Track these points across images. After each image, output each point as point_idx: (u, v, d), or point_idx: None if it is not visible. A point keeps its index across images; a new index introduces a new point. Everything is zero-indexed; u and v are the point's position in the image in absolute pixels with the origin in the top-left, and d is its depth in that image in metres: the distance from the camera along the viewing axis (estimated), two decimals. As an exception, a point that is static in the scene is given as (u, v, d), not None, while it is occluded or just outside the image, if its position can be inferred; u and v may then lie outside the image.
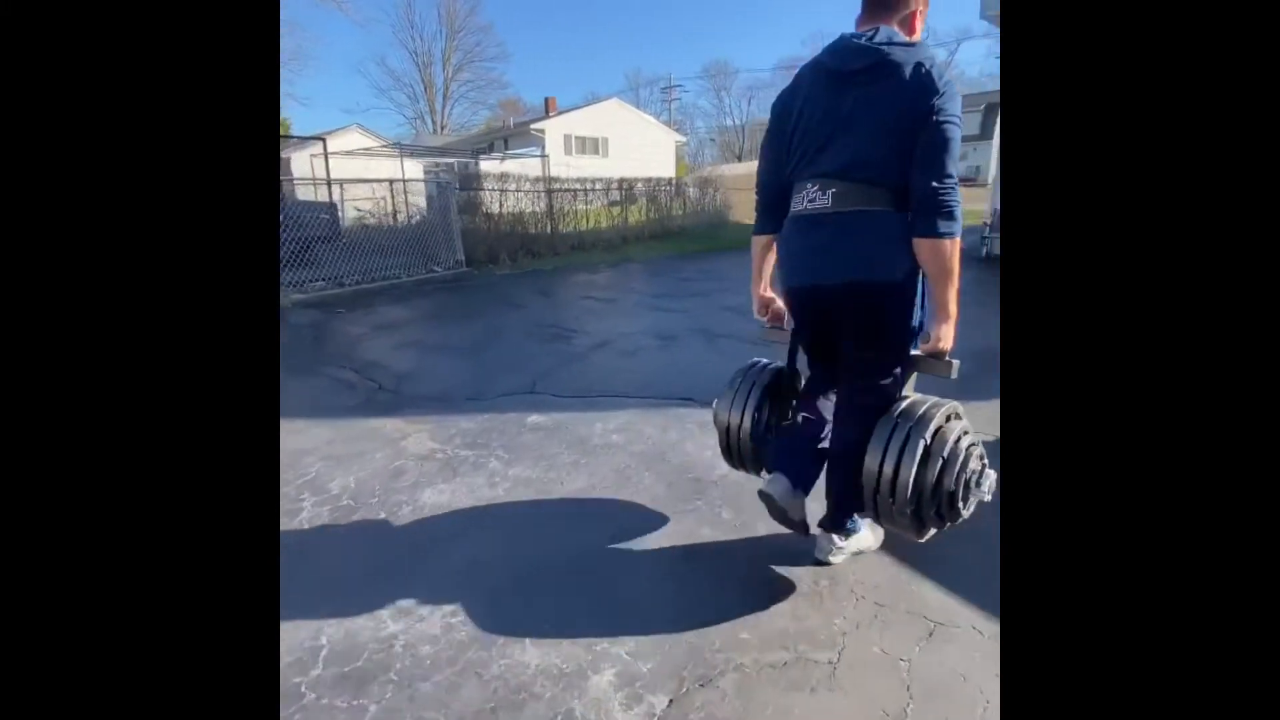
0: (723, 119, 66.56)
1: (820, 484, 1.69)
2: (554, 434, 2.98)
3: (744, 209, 17.42)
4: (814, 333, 1.68)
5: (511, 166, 20.01)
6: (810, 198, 1.47)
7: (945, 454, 1.47)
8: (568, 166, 21.93)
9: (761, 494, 1.59)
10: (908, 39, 1.43)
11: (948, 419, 1.54)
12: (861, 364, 1.57)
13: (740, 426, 1.86)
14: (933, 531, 1.58)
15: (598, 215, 12.09)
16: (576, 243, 11.32)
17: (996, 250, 9.43)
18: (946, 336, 1.47)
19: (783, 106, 1.54)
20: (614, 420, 3.14)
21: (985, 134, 18.80)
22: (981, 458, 1.55)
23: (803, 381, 1.83)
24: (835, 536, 1.73)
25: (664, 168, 27.15)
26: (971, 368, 2.39)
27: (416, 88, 44.10)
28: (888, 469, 1.48)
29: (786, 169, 1.55)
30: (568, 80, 74.62)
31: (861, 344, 1.55)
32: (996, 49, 8.10)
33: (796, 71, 1.54)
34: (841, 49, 1.43)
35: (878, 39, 1.39)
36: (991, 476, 1.55)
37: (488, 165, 21.76)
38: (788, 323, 1.78)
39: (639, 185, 13.01)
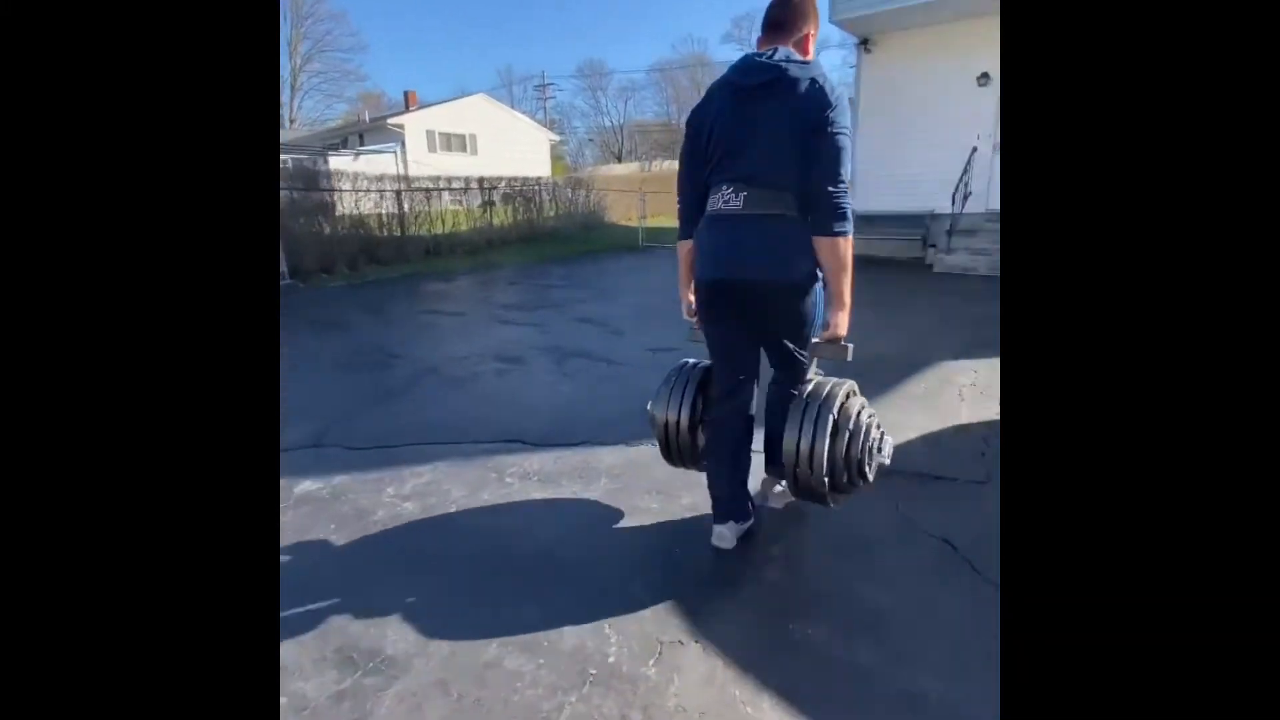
0: (600, 119, 66.60)
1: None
2: (325, 509, 2.23)
3: (621, 210, 17.11)
4: (722, 323, 1.77)
5: (367, 165, 18.23)
6: (725, 199, 1.61)
7: (850, 427, 1.70)
8: (432, 165, 20.57)
9: (717, 550, 1.84)
10: (803, 58, 1.60)
11: (848, 396, 1.76)
12: (777, 356, 1.81)
13: (679, 424, 1.95)
14: (843, 498, 1.82)
15: (457, 217, 11.10)
16: (431, 247, 10.28)
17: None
18: (843, 323, 1.63)
19: (697, 121, 1.68)
20: (413, 480, 2.45)
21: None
22: (879, 427, 1.79)
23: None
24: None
25: (538, 167, 26.24)
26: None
27: (256, 76, 39.41)
28: (804, 445, 1.67)
29: (703, 175, 1.67)
30: (436, 76, 70.79)
31: (775, 338, 1.74)
32: (851, 58, 8.20)
33: (706, 89, 1.69)
34: (746, 67, 1.59)
35: (777, 57, 1.56)
36: (889, 442, 1.80)
37: (339, 163, 19.67)
38: (690, 318, 1.89)
39: (503, 185, 12.15)
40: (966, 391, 3.35)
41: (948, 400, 3.22)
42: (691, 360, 2.08)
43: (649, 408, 2.02)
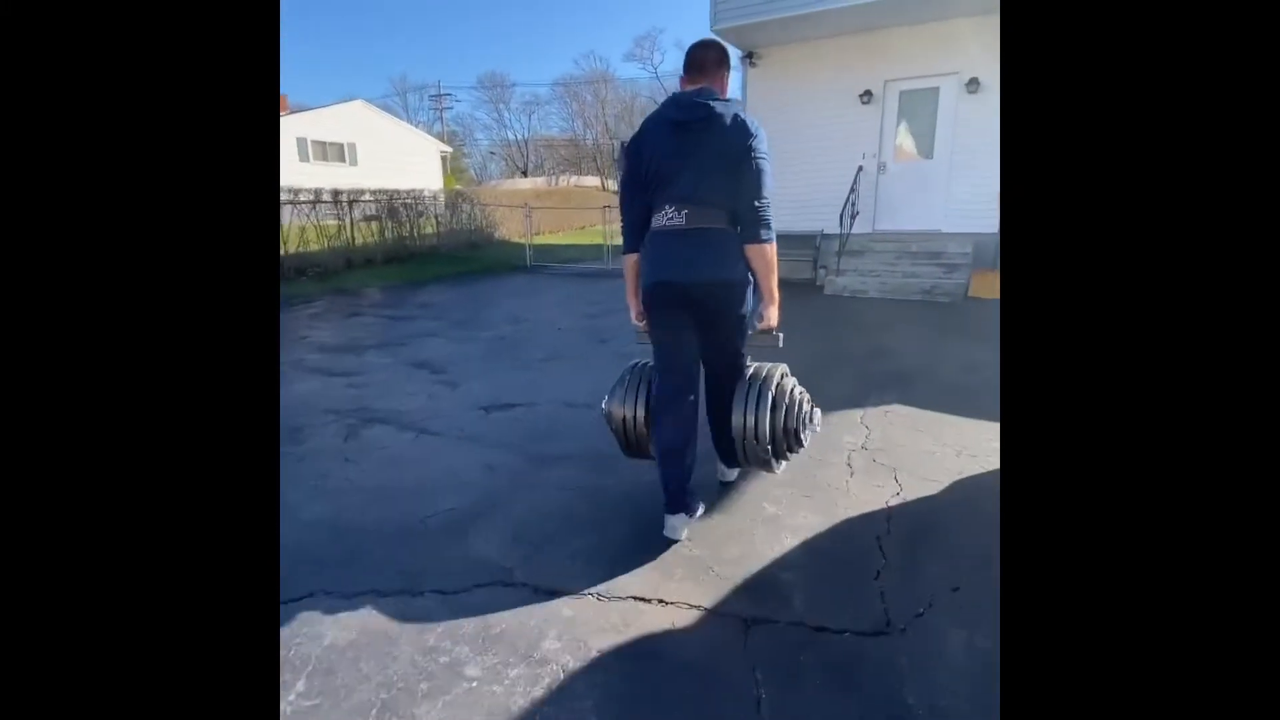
0: (504, 133, 65.05)
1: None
2: None
3: (514, 226, 16.07)
4: (669, 323, 1.97)
5: None
6: (669, 217, 1.88)
7: (786, 402, 2.03)
8: (304, 175, 18.55)
9: (669, 540, 2.02)
10: (723, 97, 1.91)
11: (782, 377, 2.11)
12: (718, 347, 2.04)
13: (635, 418, 2.18)
14: (784, 464, 2.19)
15: (305, 234, 9.64)
16: (274, 270, 8.81)
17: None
18: (773, 315, 1.98)
19: (636, 151, 1.92)
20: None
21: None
22: (809, 401, 2.15)
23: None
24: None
25: (427, 179, 24.63)
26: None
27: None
28: (749, 421, 1.98)
29: (644, 198, 1.93)
30: (322, 83, 66.26)
31: (718, 329, 1.99)
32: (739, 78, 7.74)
33: (643, 122, 1.95)
34: (680, 104, 1.87)
35: (704, 97, 1.85)
36: (818, 414, 2.16)
37: None
38: (638, 323, 2.11)
39: (366, 197, 10.80)
40: (856, 458, 2.72)
41: (832, 474, 2.56)
42: (641, 360, 2.29)
43: (603, 405, 2.24)
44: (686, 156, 1.83)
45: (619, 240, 2.16)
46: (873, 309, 6.52)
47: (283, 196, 9.23)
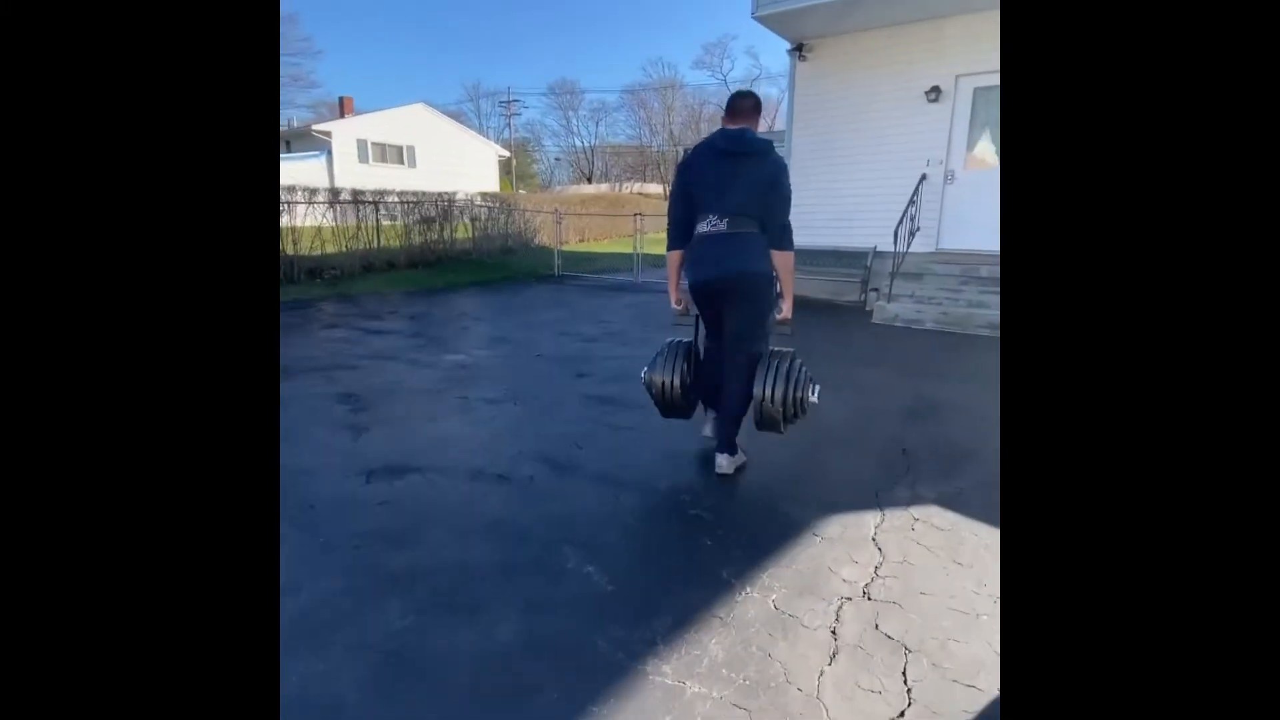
0: (571, 139, 65.79)
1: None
2: None
3: (553, 232, 15.56)
4: (711, 309, 2.56)
5: (291, 175, 16.42)
6: (712, 224, 2.39)
7: (796, 377, 2.53)
8: (363, 177, 18.80)
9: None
10: (758, 135, 2.44)
11: (791, 360, 2.58)
12: (743, 333, 2.50)
13: (672, 384, 2.69)
14: (790, 427, 2.64)
15: (318, 235, 9.32)
16: (285, 272, 8.50)
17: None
18: (789, 308, 2.53)
19: (686, 171, 2.46)
20: None
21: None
22: (810, 378, 2.59)
23: (702, 352, 2.79)
24: (728, 456, 2.59)
25: (485, 182, 24.68)
26: None
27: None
28: (768, 390, 2.49)
29: (690, 208, 2.45)
30: (398, 87, 69.13)
31: (745, 316, 2.48)
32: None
33: (693, 149, 2.48)
34: (728, 136, 2.40)
35: (747, 135, 2.40)
36: (817, 388, 2.58)
37: None
38: (690, 311, 2.69)
39: (391, 199, 10.44)
40: (849, 619, 1.73)
41: (799, 657, 1.58)
42: (675, 338, 2.82)
43: (643, 375, 2.77)
44: (730, 179, 2.37)
45: (650, 249, 2.92)
46: (926, 345, 5.37)
47: (299, 196, 8.93)
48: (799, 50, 7.64)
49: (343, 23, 64.35)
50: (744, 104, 2.45)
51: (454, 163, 23.98)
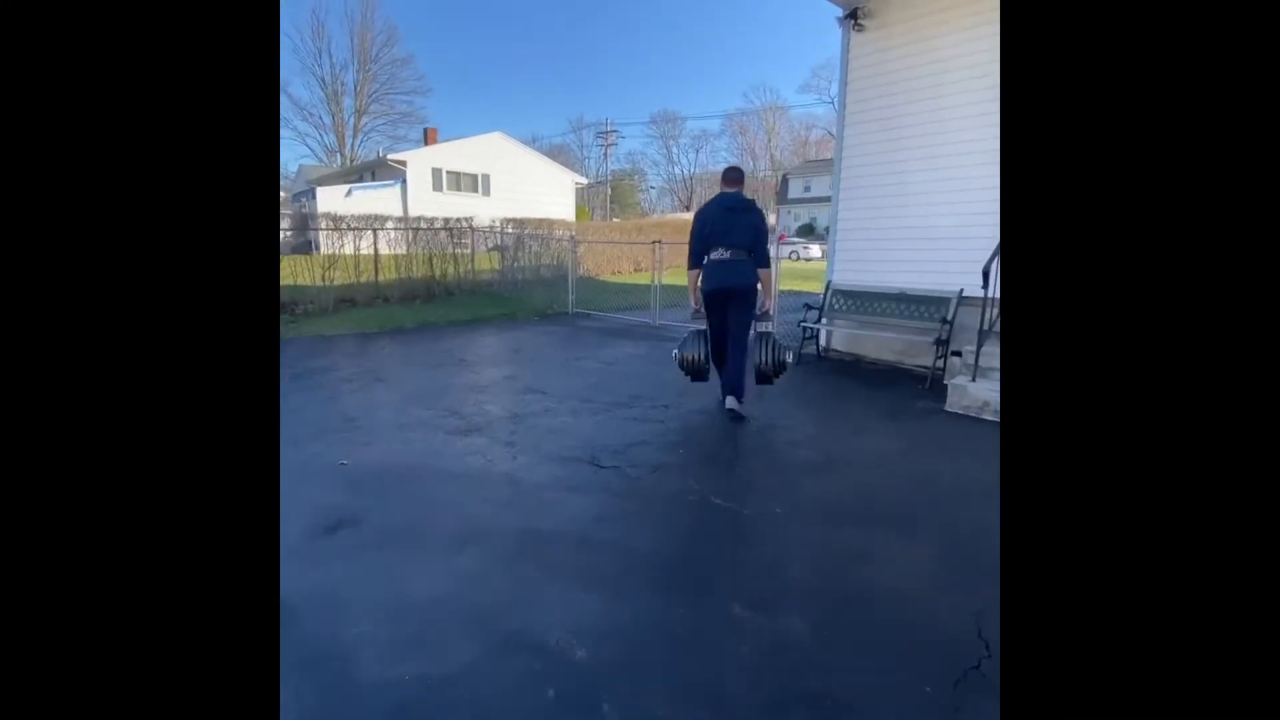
0: (671, 168, 65.47)
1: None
2: None
3: (606, 263, 14.10)
4: (718, 309, 3.83)
5: (366, 204, 16.43)
6: (721, 254, 3.72)
7: (777, 349, 3.97)
8: (437, 205, 18.63)
9: (732, 413, 3.92)
10: (748, 196, 3.90)
11: (774, 339, 4.04)
12: (740, 322, 3.79)
13: (696, 358, 3.99)
14: (777, 380, 4.06)
15: (296, 267, 8.34)
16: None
17: (824, 343, 6.05)
18: (770, 304, 4.52)
19: (702, 217, 3.83)
20: None
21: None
22: (786, 347, 4.05)
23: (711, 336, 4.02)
24: (737, 400, 3.92)
25: (561, 210, 24.00)
26: None
27: (325, 118, 40.78)
28: (762, 358, 3.95)
29: (705, 243, 3.77)
30: (507, 121, 72.63)
31: (741, 312, 3.78)
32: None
33: (706, 204, 3.90)
34: (730, 198, 3.78)
35: (742, 196, 3.82)
36: (791, 351, 4.12)
37: (329, 204, 18.14)
38: (702, 311, 3.91)
39: (388, 225, 9.37)
40: None
41: None
42: (694, 327, 4.08)
43: (675, 353, 4.09)
44: (732, 225, 3.73)
45: (670, 280, 6.12)
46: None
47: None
48: (853, 17, 5.51)
49: (451, 60, 68.94)
50: (735, 175, 3.90)
51: (529, 191, 23.51)
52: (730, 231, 3.68)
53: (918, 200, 5.29)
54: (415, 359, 5.68)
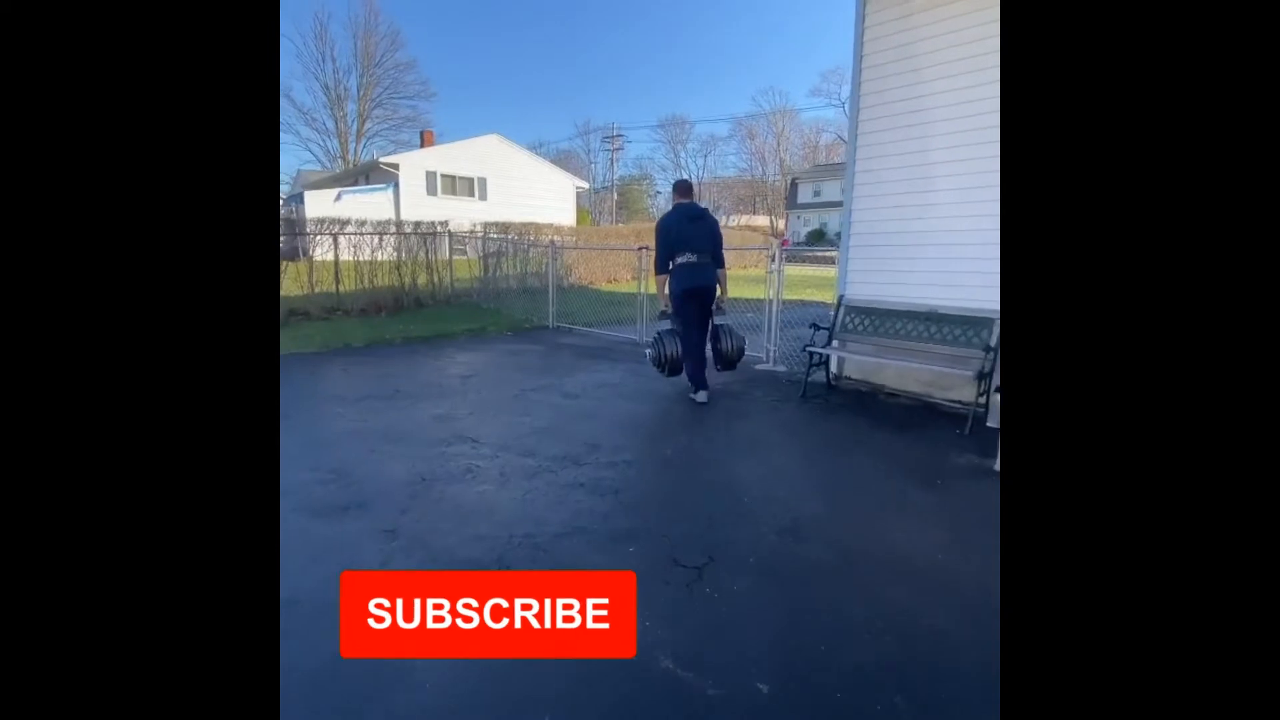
0: (679, 173, 64.77)
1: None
2: None
3: (601, 270, 13.16)
4: (690, 307, 4.28)
5: (357, 208, 15.60)
6: (688, 258, 4.21)
7: (736, 337, 4.52)
8: (430, 209, 17.79)
9: (699, 401, 4.37)
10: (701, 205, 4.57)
11: (733, 329, 4.56)
12: (705, 317, 4.36)
13: (667, 355, 4.36)
14: (738, 364, 4.66)
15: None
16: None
17: (834, 372, 5.06)
18: (724, 301, 4.51)
19: (666, 226, 4.32)
20: None
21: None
22: (741, 336, 4.57)
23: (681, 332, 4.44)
24: (702, 393, 4.38)
25: (561, 215, 23.13)
26: None
27: (328, 123, 40.33)
28: (725, 346, 4.47)
29: (671, 250, 4.24)
30: (511, 126, 72.17)
31: (705, 307, 4.33)
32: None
33: (668, 214, 4.42)
34: (688, 207, 4.38)
35: (697, 205, 4.49)
36: (745, 340, 4.62)
37: (318, 208, 17.37)
38: (669, 310, 4.39)
39: (349, 229, 8.46)
40: None
41: None
42: (662, 329, 4.48)
43: (648, 352, 4.57)
44: (694, 232, 4.24)
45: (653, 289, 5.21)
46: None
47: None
48: (871, -25, 4.54)
49: (456, 64, 68.55)
50: (686, 187, 4.54)
51: (528, 195, 22.67)
52: (694, 238, 4.24)
53: (945, 201, 4.28)
54: (340, 390, 4.73)
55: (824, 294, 12.48)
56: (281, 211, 18.54)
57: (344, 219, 8.50)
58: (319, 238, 8.45)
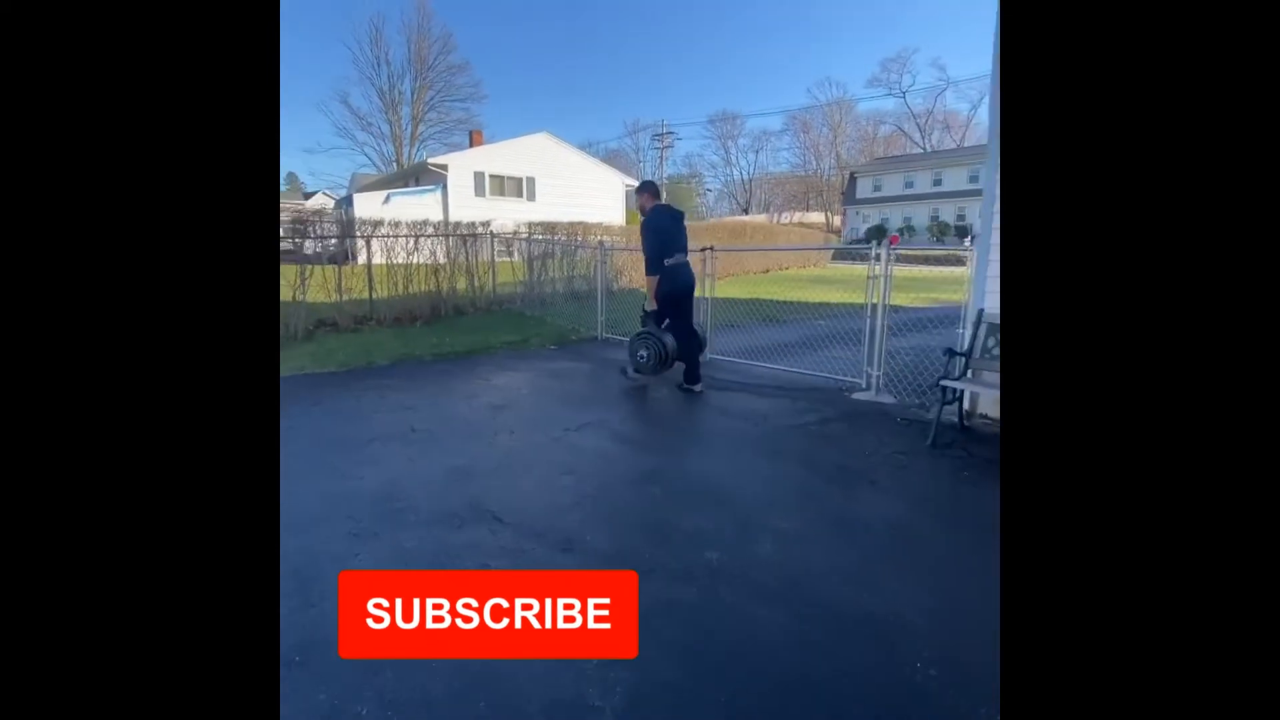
0: (730, 171, 63.27)
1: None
2: None
3: (640, 273, 12.12)
4: (683, 306, 4.75)
5: (405, 210, 15.25)
6: (678, 259, 4.62)
7: (702, 339, 5.41)
8: (479, 210, 17.27)
9: (691, 390, 4.71)
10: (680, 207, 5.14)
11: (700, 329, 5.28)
12: (688, 316, 4.89)
13: (656, 354, 4.65)
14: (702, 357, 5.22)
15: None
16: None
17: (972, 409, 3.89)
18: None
19: (660, 227, 4.60)
20: None
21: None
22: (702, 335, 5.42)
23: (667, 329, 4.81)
24: (699, 385, 4.74)
25: (610, 214, 22.31)
26: None
27: (383, 127, 41.00)
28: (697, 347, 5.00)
29: (662, 249, 4.53)
30: (561, 126, 71.95)
31: (690, 304, 4.96)
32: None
33: (656, 213, 4.70)
34: (669, 208, 4.81)
35: (676, 207, 5.05)
36: (706, 338, 5.74)
37: (367, 210, 17.11)
38: (652, 307, 4.75)
39: (383, 230, 7.75)
40: None
41: None
42: (645, 330, 4.78)
43: (641, 355, 4.74)
44: (680, 231, 4.66)
45: (723, 292, 6.62)
46: None
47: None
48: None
49: (503, 70, 68.82)
50: (654, 188, 4.90)
51: (576, 194, 21.94)
52: (679, 238, 4.64)
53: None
54: (342, 428, 3.88)
55: (904, 296, 11.05)
56: (331, 214, 18.44)
57: (376, 220, 7.79)
58: (356, 241, 7.78)
